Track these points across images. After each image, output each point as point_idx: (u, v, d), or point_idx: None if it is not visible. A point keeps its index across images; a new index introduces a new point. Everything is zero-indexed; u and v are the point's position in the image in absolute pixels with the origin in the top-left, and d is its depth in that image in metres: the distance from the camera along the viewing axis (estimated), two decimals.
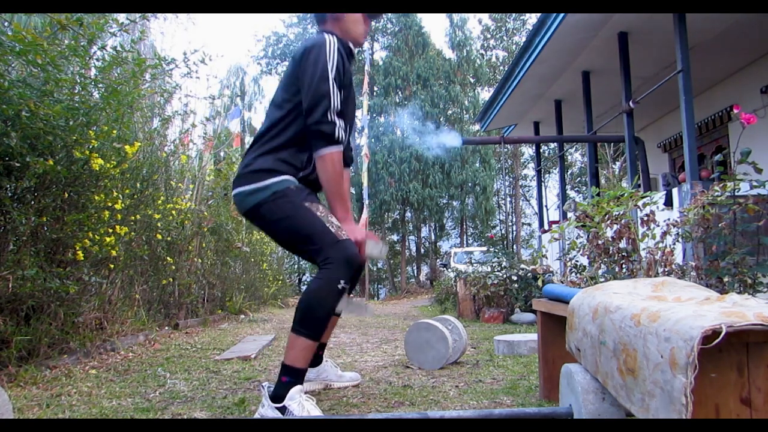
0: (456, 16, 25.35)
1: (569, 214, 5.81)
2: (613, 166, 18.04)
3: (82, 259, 3.34)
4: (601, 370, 1.36)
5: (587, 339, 1.45)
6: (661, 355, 1.00)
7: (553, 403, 2.16)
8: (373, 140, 22.05)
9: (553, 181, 28.06)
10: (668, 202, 5.36)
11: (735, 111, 3.56)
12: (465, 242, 26.69)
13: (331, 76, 2.08)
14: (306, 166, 2.19)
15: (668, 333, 1.00)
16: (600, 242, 3.76)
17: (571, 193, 24.54)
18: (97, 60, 3.61)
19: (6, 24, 3.07)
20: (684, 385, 0.93)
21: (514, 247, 25.03)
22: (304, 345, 1.95)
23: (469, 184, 23.61)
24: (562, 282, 4.27)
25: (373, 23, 2.90)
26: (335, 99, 2.08)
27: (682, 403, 0.93)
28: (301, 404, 1.88)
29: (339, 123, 2.09)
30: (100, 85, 3.41)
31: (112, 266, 3.87)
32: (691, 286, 1.46)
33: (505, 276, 6.60)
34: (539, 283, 5.39)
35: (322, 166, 2.11)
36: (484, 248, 16.14)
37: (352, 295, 2.24)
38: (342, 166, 2.16)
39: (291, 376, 1.93)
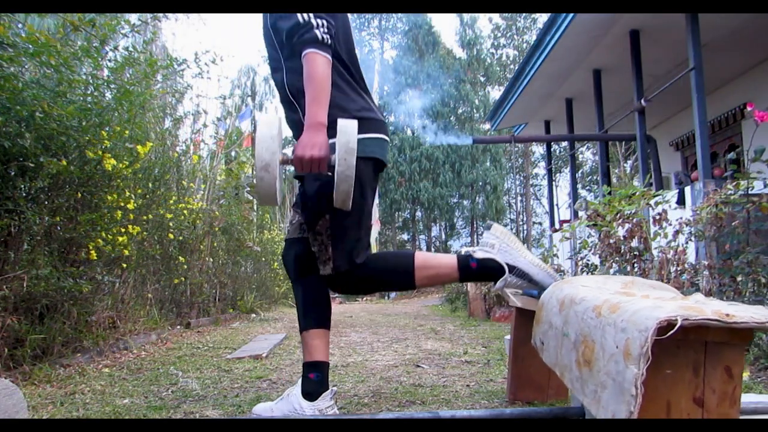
0: (466, 15, 25.28)
1: (580, 213, 5.79)
2: (625, 164, 17.94)
3: (95, 258, 3.36)
4: (560, 363, 1.35)
5: (552, 331, 1.43)
6: (617, 346, 1.00)
7: (526, 404, 2.14)
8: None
9: (564, 180, 27.92)
10: (681, 201, 5.32)
11: (749, 108, 3.53)
12: (475, 241, 26.62)
13: None
14: None
15: (625, 323, 0.99)
16: (611, 241, 3.74)
17: (583, 192, 24.42)
18: (110, 61, 3.64)
19: (20, 25, 3.11)
20: (635, 375, 0.92)
21: (525, 245, 24.91)
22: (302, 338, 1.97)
23: (480, 183, 23.53)
24: None
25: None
26: None
27: (632, 393, 0.92)
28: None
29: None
30: (113, 86, 3.43)
31: (124, 265, 3.90)
32: (659, 287, 1.44)
33: None
34: None
35: None
36: None
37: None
38: None
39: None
